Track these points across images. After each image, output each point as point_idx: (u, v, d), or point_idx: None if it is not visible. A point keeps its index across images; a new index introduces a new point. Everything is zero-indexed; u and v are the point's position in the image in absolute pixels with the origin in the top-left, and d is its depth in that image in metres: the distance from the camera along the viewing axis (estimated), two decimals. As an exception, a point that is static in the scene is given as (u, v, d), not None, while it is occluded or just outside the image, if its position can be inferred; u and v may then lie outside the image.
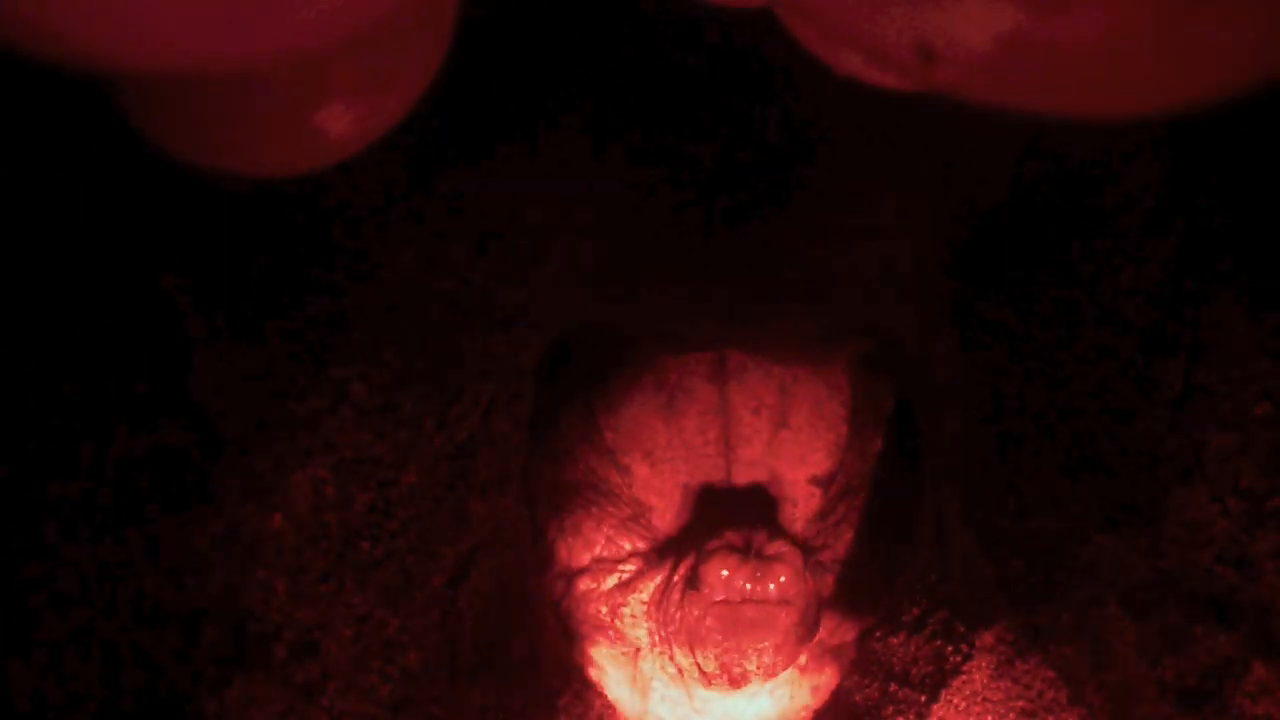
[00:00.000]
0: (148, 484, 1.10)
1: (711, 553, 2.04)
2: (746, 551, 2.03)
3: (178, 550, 1.13)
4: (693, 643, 2.07)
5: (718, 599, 2.01)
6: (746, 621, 2.00)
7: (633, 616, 2.26)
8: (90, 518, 1.05)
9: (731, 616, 2.01)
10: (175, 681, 1.12)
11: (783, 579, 2.00)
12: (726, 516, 2.25)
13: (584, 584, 2.27)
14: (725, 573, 2.01)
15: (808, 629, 2.08)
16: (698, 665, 2.10)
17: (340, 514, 1.35)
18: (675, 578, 2.16)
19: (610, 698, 2.30)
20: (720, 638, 2.03)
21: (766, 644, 2.03)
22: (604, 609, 2.27)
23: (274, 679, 1.24)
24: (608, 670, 2.30)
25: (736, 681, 2.09)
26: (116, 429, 1.07)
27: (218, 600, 1.18)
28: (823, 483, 2.36)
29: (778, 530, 2.20)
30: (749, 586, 2.00)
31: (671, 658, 2.18)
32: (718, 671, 2.07)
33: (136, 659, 1.08)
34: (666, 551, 2.31)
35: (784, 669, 2.12)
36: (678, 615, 2.10)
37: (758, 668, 2.05)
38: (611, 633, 2.28)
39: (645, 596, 2.26)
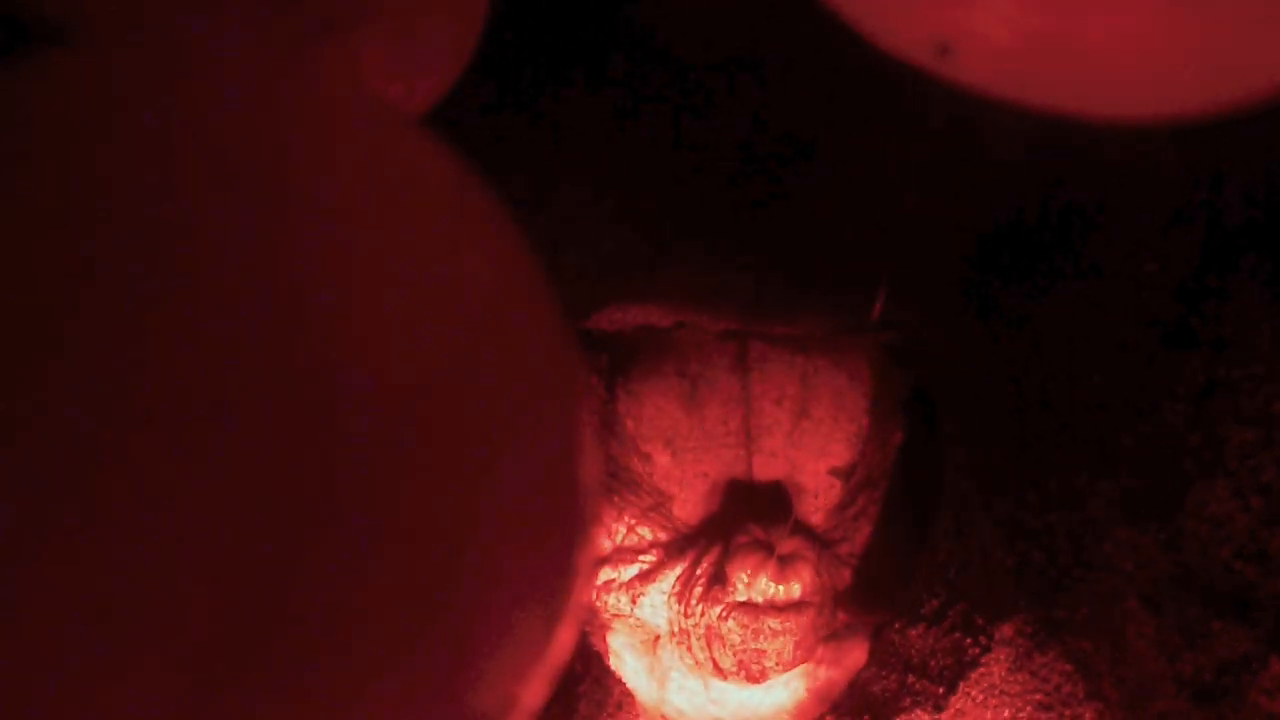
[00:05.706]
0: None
1: (738, 549, 2.08)
2: (770, 551, 2.07)
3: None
4: (711, 639, 2.11)
5: (741, 600, 2.05)
6: (768, 631, 2.06)
7: (652, 606, 2.27)
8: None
9: (753, 623, 2.06)
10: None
11: (803, 581, 2.05)
12: (748, 508, 2.26)
13: (604, 573, 2.28)
14: (747, 575, 2.05)
15: (825, 624, 2.13)
16: (714, 660, 2.12)
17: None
18: (699, 571, 2.18)
19: (628, 685, 2.31)
20: (740, 640, 2.08)
21: (785, 645, 2.07)
22: (624, 598, 2.28)
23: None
24: (626, 658, 2.31)
25: (754, 678, 2.12)
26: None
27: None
28: (843, 474, 2.36)
29: (798, 525, 2.21)
30: (771, 589, 2.05)
31: (690, 649, 2.20)
32: (735, 669, 2.10)
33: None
34: (689, 542, 2.31)
35: (802, 663, 2.14)
36: (699, 610, 2.13)
37: (776, 664, 2.09)
38: (631, 621, 2.29)
39: (665, 586, 2.27)
